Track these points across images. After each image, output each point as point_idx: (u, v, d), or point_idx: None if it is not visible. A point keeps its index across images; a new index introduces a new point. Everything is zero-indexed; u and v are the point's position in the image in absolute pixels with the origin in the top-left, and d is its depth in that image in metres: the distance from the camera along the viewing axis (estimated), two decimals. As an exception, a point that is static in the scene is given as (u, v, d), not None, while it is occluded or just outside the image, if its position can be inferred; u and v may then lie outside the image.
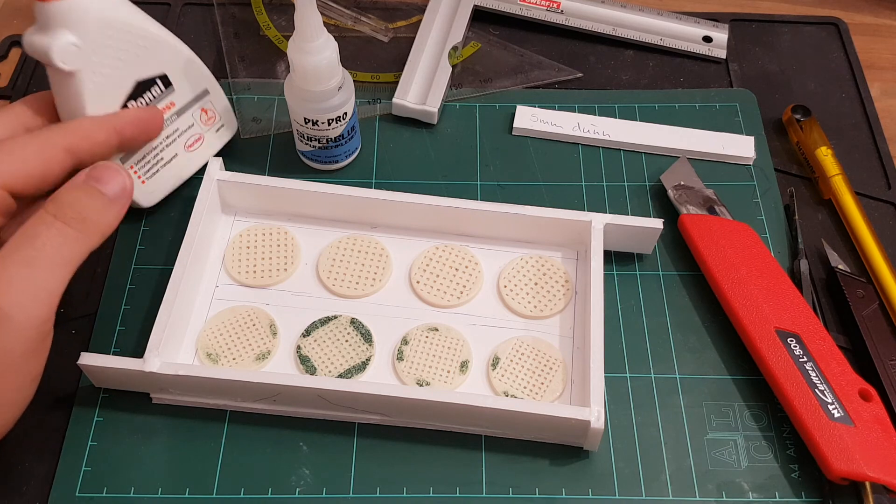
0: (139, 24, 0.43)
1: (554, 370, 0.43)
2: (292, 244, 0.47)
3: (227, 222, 0.48)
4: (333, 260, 0.46)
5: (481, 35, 0.58)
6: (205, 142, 0.49)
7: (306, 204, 0.47)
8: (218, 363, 0.43)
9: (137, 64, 0.43)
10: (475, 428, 0.41)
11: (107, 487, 0.40)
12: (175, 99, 0.46)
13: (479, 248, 0.47)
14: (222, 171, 0.47)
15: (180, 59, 0.45)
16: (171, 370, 0.40)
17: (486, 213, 0.46)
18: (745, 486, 0.41)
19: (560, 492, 0.40)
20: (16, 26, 0.58)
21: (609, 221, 0.45)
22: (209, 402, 0.42)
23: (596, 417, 0.39)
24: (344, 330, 0.44)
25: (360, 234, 0.47)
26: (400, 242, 0.47)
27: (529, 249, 0.47)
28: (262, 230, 0.47)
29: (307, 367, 0.43)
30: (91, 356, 0.40)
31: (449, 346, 0.44)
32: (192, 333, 0.44)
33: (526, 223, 0.46)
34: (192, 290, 0.45)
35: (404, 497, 0.40)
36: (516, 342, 0.44)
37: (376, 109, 0.54)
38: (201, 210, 0.45)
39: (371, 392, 0.39)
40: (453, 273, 0.46)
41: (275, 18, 0.58)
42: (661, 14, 0.58)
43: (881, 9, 0.61)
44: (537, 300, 0.45)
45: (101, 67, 0.42)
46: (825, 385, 0.41)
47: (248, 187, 0.47)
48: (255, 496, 0.40)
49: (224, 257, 0.47)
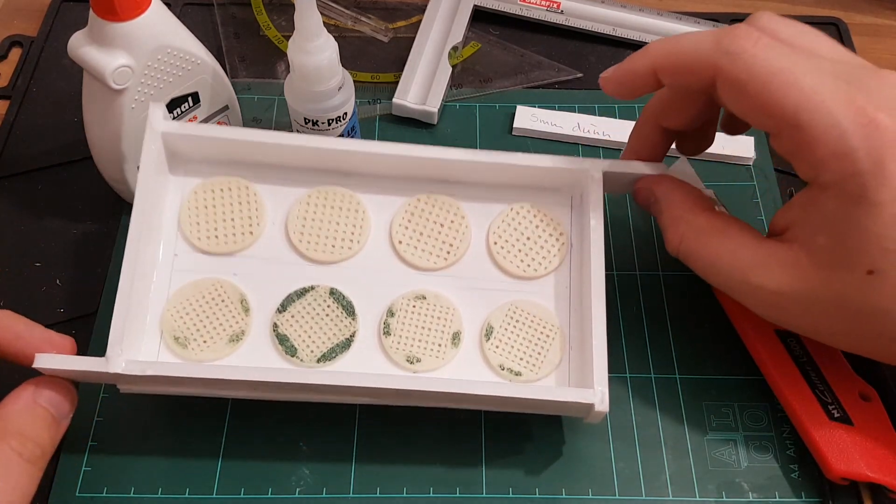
0: (189, 49, 0.43)
1: (551, 338, 0.41)
2: (256, 201, 0.42)
3: (178, 181, 0.42)
4: (304, 219, 0.42)
5: (481, 35, 0.58)
6: None
7: (269, 157, 0.42)
8: (187, 348, 0.39)
9: (177, 83, 0.44)
10: (472, 405, 0.39)
11: (107, 487, 0.40)
12: (198, 113, 0.47)
13: (466, 199, 0.43)
14: (167, 122, 0.41)
15: (213, 79, 0.46)
16: (137, 370, 0.36)
17: (472, 163, 0.42)
18: (745, 486, 0.41)
19: (560, 492, 0.40)
20: (16, 26, 0.58)
21: (608, 169, 0.42)
22: (183, 391, 0.38)
23: (600, 399, 0.37)
24: (323, 303, 0.41)
25: (331, 189, 0.43)
26: (377, 195, 0.43)
27: (520, 200, 0.43)
28: (220, 186, 0.42)
29: (286, 348, 0.40)
30: (51, 358, 0.36)
31: (438, 315, 0.41)
32: (154, 313, 0.40)
33: (516, 172, 0.42)
34: (149, 263, 0.40)
35: (404, 497, 0.40)
36: (510, 308, 0.41)
37: (376, 109, 0.54)
38: (148, 169, 0.40)
39: (361, 385, 0.36)
40: (438, 229, 0.42)
41: (275, 18, 0.58)
42: (661, 14, 0.58)
43: (881, 9, 0.61)
44: (531, 258, 0.42)
45: (147, 88, 0.42)
46: (825, 385, 0.41)
47: (200, 139, 0.41)
48: (255, 496, 0.40)
49: (179, 221, 0.41)
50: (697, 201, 0.40)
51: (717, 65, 0.35)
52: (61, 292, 0.46)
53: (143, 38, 0.41)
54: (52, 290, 0.46)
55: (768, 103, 0.34)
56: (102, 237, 0.48)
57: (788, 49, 0.35)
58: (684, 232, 0.39)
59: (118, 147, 0.44)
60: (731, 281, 0.37)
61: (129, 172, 0.46)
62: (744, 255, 0.37)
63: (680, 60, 0.37)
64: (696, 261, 0.39)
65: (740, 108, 0.36)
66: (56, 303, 0.46)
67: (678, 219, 0.39)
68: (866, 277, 0.34)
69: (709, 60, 0.36)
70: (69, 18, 0.58)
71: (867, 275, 0.34)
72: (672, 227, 0.39)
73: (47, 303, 0.46)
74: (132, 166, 0.45)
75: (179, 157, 0.42)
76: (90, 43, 0.41)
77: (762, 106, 0.35)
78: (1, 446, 0.34)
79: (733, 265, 0.37)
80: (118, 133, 0.43)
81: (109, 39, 0.40)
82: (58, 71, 0.56)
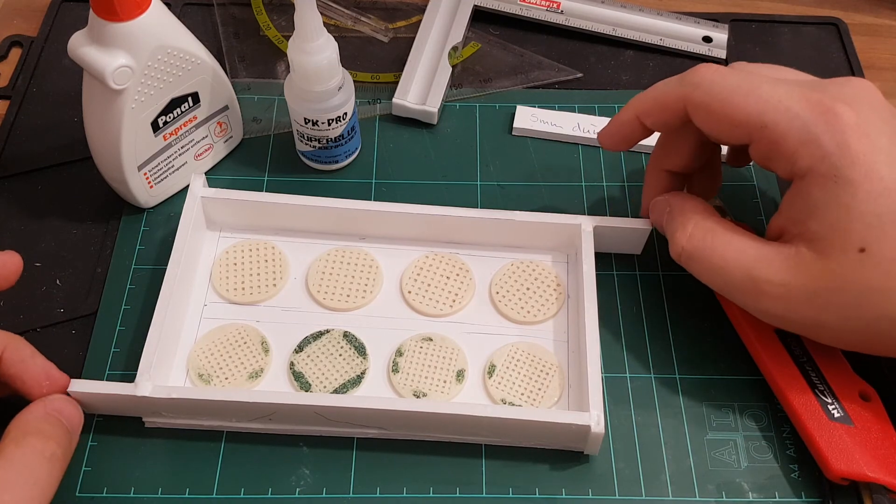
0: (189, 49, 0.43)
1: (550, 375, 0.43)
2: (280, 259, 0.46)
3: (212, 238, 0.47)
4: (323, 273, 0.46)
5: (481, 35, 0.58)
6: (213, 151, 0.50)
7: (292, 217, 0.46)
8: (210, 384, 0.42)
9: (177, 83, 0.44)
10: (474, 437, 0.41)
11: (107, 487, 0.40)
12: (198, 113, 0.47)
13: (470, 254, 0.47)
14: (205, 189, 0.46)
15: (213, 79, 0.46)
16: (163, 393, 0.39)
17: (474, 219, 0.45)
18: (745, 486, 0.41)
19: (560, 492, 0.40)
20: (16, 26, 0.58)
21: (598, 224, 0.45)
22: (203, 424, 0.41)
23: (596, 422, 0.39)
24: (337, 344, 0.44)
25: (348, 246, 0.47)
26: (389, 252, 0.47)
27: (520, 254, 0.47)
28: (248, 246, 0.47)
29: (301, 384, 0.42)
30: (82, 382, 0.39)
31: (444, 355, 0.43)
32: (182, 354, 0.43)
33: (515, 228, 0.46)
34: (180, 310, 0.44)
35: (404, 497, 0.40)
36: (511, 349, 0.44)
37: (376, 109, 0.54)
38: (186, 228, 0.44)
39: (367, 406, 0.39)
40: (444, 281, 0.46)
41: (275, 18, 0.58)
42: (661, 14, 0.58)
43: (881, 9, 0.61)
44: (530, 305, 0.45)
45: (147, 88, 0.43)
46: (825, 385, 0.41)
47: (233, 203, 0.46)
48: (255, 496, 0.40)
49: (211, 275, 0.46)
50: (708, 208, 0.42)
51: (684, 96, 0.40)
52: (61, 292, 0.46)
53: (143, 38, 0.41)
54: (52, 290, 0.46)
55: (733, 115, 0.38)
56: (102, 237, 0.48)
57: (747, 72, 0.39)
58: (692, 231, 0.40)
59: (118, 147, 0.44)
60: (737, 278, 0.38)
61: (128, 172, 0.46)
62: (749, 252, 0.38)
63: (655, 102, 0.41)
64: (701, 259, 0.39)
65: (712, 128, 0.39)
66: (56, 303, 0.46)
67: (688, 220, 0.41)
68: (859, 256, 0.35)
69: (677, 95, 0.40)
70: (69, 18, 0.58)
71: (860, 253, 0.35)
72: (681, 228, 0.40)
73: (47, 303, 0.46)
74: (132, 166, 0.45)
75: (215, 219, 0.47)
76: (90, 43, 0.41)
77: (729, 119, 0.38)
78: (22, 444, 0.35)
79: (738, 261, 0.38)
80: (118, 133, 0.43)
81: (109, 39, 0.40)
82: (58, 71, 0.56)
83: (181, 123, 0.46)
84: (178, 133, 0.46)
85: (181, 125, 0.46)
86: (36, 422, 0.36)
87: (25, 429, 0.36)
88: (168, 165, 0.47)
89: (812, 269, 0.36)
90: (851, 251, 0.35)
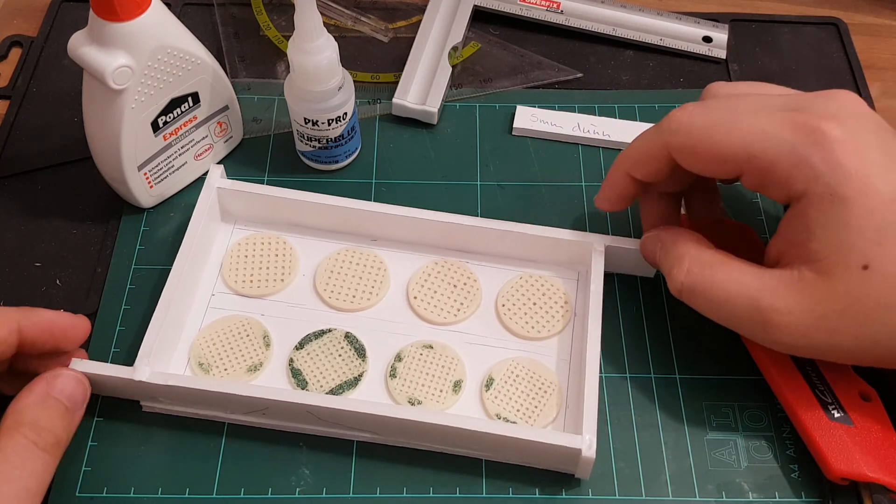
0: (189, 49, 0.43)
1: (549, 394, 0.42)
2: (291, 254, 0.46)
3: (226, 230, 0.47)
4: (331, 272, 0.46)
5: (481, 35, 0.58)
6: (213, 151, 0.50)
7: (306, 214, 0.47)
8: (209, 373, 0.42)
9: (177, 83, 0.44)
10: (465, 450, 0.41)
11: (107, 487, 0.40)
12: (198, 113, 0.47)
13: (479, 264, 0.46)
14: (223, 179, 0.46)
15: (213, 79, 0.46)
16: (160, 380, 0.39)
17: (487, 230, 0.45)
18: (745, 487, 0.41)
19: (560, 492, 0.40)
20: (16, 26, 0.58)
21: (610, 244, 0.45)
22: (199, 413, 0.41)
23: (588, 446, 0.38)
24: (338, 344, 0.44)
25: (359, 247, 0.47)
26: (399, 256, 0.47)
27: (529, 268, 0.46)
28: (261, 239, 0.47)
29: (298, 381, 0.42)
30: (82, 363, 0.39)
31: (443, 364, 0.43)
32: (185, 342, 0.43)
33: (526, 241, 0.45)
34: (187, 298, 0.44)
35: (404, 497, 0.40)
36: (511, 363, 0.43)
37: (376, 109, 0.54)
38: (200, 217, 0.45)
39: (360, 410, 0.39)
40: (451, 290, 0.45)
41: (275, 18, 0.58)
42: (661, 14, 0.58)
43: (881, 9, 0.61)
44: (535, 321, 0.45)
45: (147, 88, 0.43)
46: (825, 385, 0.41)
47: (248, 195, 0.46)
48: (255, 496, 0.40)
49: (222, 265, 0.46)
50: (701, 240, 0.41)
51: (666, 144, 0.39)
52: (61, 292, 0.46)
53: (143, 38, 0.41)
54: (52, 290, 0.46)
55: (718, 152, 0.38)
56: (102, 237, 0.48)
57: (724, 101, 0.39)
58: (689, 266, 0.39)
59: (118, 147, 0.44)
60: (741, 309, 0.37)
61: (129, 172, 0.46)
62: (751, 282, 0.37)
63: (640, 155, 0.41)
64: (701, 293, 0.39)
65: (700, 168, 0.39)
66: (56, 303, 0.46)
67: (683, 255, 0.40)
68: (863, 273, 0.35)
69: (658, 144, 0.40)
70: (69, 18, 0.59)
71: (863, 270, 0.35)
72: (677, 264, 0.40)
73: (47, 303, 0.46)
74: (132, 166, 0.45)
75: (230, 210, 0.47)
76: (90, 43, 0.41)
77: (714, 157, 0.38)
78: (16, 435, 0.35)
79: (741, 292, 0.37)
80: (118, 133, 0.43)
81: (109, 39, 0.40)
82: (58, 71, 0.56)
83: (181, 123, 0.46)
84: (178, 133, 0.46)
85: (181, 125, 0.46)
86: (31, 411, 0.36)
87: (20, 418, 0.35)
88: (168, 165, 0.47)
89: (816, 291, 0.36)
90: (855, 269, 0.35)
